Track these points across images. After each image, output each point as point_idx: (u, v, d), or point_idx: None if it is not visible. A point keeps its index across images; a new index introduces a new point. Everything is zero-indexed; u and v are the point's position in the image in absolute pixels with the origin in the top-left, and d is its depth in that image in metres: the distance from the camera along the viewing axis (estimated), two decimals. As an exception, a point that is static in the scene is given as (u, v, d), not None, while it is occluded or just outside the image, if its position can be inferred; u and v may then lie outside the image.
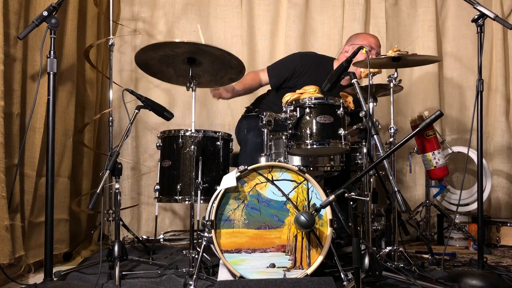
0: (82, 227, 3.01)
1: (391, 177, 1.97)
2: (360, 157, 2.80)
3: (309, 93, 2.39)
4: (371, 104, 2.68)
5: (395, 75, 2.47)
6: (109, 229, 3.10)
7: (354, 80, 2.15)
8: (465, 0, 2.15)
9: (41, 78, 2.21)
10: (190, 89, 2.27)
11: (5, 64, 2.03)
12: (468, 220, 3.36)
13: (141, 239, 3.08)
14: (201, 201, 2.32)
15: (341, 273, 2.01)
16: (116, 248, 2.16)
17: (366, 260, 1.81)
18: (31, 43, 2.28)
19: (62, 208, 2.58)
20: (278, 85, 3.02)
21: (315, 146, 2.25)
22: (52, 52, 1.97)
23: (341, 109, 2.27)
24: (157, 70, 2.40)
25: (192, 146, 2.29)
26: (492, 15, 2.05)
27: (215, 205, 1.99)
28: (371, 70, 2.62)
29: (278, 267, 2.00)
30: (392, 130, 2.47)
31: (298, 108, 2.29)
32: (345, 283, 1.98)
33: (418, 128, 1.90)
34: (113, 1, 3.04)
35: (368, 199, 2.20)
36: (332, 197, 1.72)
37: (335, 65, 3.12)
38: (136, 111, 2.33)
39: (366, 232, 2.20)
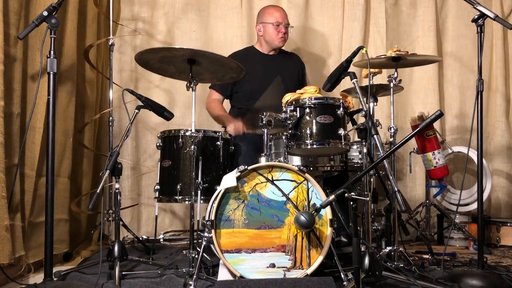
0: (82, 227, 3.01)
1: (391, 177, 1.97)
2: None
3: (309, 93, 2.40)
4: (371, 104, 2.69)
5: (395, 75, 2.47)
6: (109, 229, 3.10)
7: (354, 80, 2.15)
8: (465, 0, 2.15)
9: (41, 78, 2.21)
10: (190, 89, 2.28)
11: (5, 64, 2.03)
12: (468, 220, 3.36)
13: (141, 239, 3.07)
14: (201, 201, 2.32)
15: (341, 273, 2.02)
16: (116, 248, 2.16)
17: (366, 260, 1.81)
18: (31, 43, 2.28)
19: (62, 208, 2.58)
20: (229, 94, 3.16)
21: (315, 146, 2.25)
22: (52, 52, 1.97)
23: (341, 109, 2.27)
24: (158, 68, 2.40)
25: (192, 146, 2.29)
26: (492, 15, 2.05)
27: (215, 205, 1.99)
28: (371, 70, 2.63)
29: (278, 267, 2.00)
30: (392, 130, 2.47)
31: (298, 108, 2.29)
32: (345, 283, 1.98)
33: (418, 128, 1.90)
34: (113, 1, 3.04)
35: (368, 199, 2.20)
36: (332, 197, 1.72)
37: (257, 47, 3.26)
38: (136, 111, 2.33)
39: (366, 232, 2.20)
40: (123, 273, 2.19)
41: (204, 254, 2.11)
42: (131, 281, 2.11)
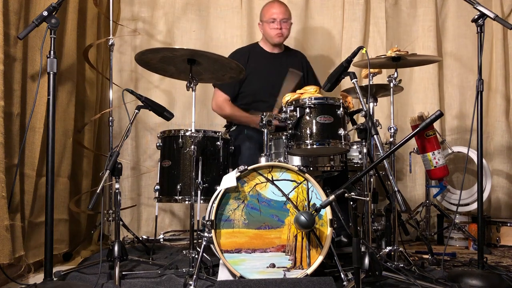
0: (82, 227, 3.01)
1: (391, 177, 1.97)
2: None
3: (310, 93, 2.40)
4: (371, 104, 2.69)
5: (395, 75, 2.47)
6: (109, 229, 3.10)
7: (353, 80, 2.15)
8: (465, 0, 2.15)
9: (41, 78, 2.21)
10: (190, 89, 2.28)
11: (5, 64, 2.03)
12: (468, 220, 3.36)
13: (141, 239, 3.08)
14: (201, 201, 2.32)
15: (341, 273, 2.02)
16: (116, 248, 2.16)
17: (366, 260, 1.81)
18: (31, 43, 2.28)
19: (62, 208, 2.58)
20: (236, 94, 3.08)
21: (315, 146, 2.24)
22: (52, 52, 1.97)
23: (341, 109, 2.27)
24: (158, 68, 2.40)
25: (192, 146, 2.29)
26: (492, 15, 2.05)
27: (215, 205, 1.99)
28: (371, 70, 2.63)
29: (278, 267, 2.00)
30: (392, 130, 2.47)
31: (298, 108, 2.29)
32: (345, 283, 1.98)
33: (418, 128, 1.90)
34: (113, 1, 3.04)
35: (368, 199, 2.20)
36: (332, 197, 1.72)
37: (261, 45, 3.22)
38: (136, 111, 2.33)
39: (366, 232, 2.20)
40: (123, 273, 2.19)
41: (204, 254, 2.11)
42: (131, 281, 2.11)
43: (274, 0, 3.25)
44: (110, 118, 2.87)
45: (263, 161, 2.15)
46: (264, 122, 2.20)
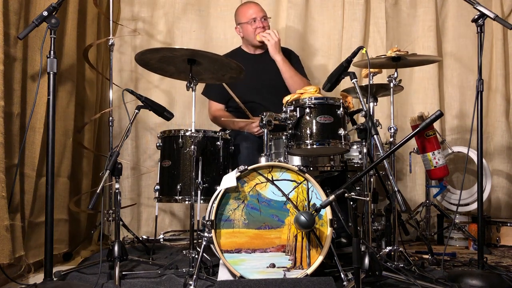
0: (82, 227, 3.01)
1: (391, 177, 1.97)
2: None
3: (310, 93, 2.40)
4: (371, 104, 2.69)
5: (395, 75, 2.47)
6: (109, 229, 3.10)
7: (354, 80, 2.15)
8: (465, 0, 2.15)
9: (41, 78, 2.21)
10: (190, 89, 2.28)
11: (5, 64, 2.03)
12: (468, 220, 3.36)
13: (141, 239, 3.08)
14: (201, 201, 2.32)
15: (341, 273, 2.02)
16: (116, 248, 2.16)
17: (366, 260, 1.81)
18: (31, 43, 2.28)
19: (61, 208, 2.58)
20: (227, 100, 3.08)
21: (315, 146, 2.25)
22: (52, 52, 1.97)
23: (341, 109, 2.27)
24: (158, 68, 2.40)
25: (192, 146, 2.29)
26: (492, 15, 2.05)
27: (215, 205, 1.99)
28: (371, 70, 2.63)
29: (278, 267, 2.00)
30: (392, 130, 2.47)
31: (298, 108, 2.29)
32: (345, 283, 1.98)
33: (418, 128, 1.90)
34: (113, 1, 3.04)
35: (368, 199, 2.20)
36: (332, 197, 1.73)
37: (244, 48, 3.22)
38: (136, 111, 2.34)
39: (366, 232, 2.20)
40: (123, 273, 2.19)
41: (204, 254, 2.11)
42: (131, 281, 2.11)
43: (248, 1, 3.21)
44: (110, 118, 2.87)
45: (263, 161, 2.15)
46: (264, 122, 2.20)
